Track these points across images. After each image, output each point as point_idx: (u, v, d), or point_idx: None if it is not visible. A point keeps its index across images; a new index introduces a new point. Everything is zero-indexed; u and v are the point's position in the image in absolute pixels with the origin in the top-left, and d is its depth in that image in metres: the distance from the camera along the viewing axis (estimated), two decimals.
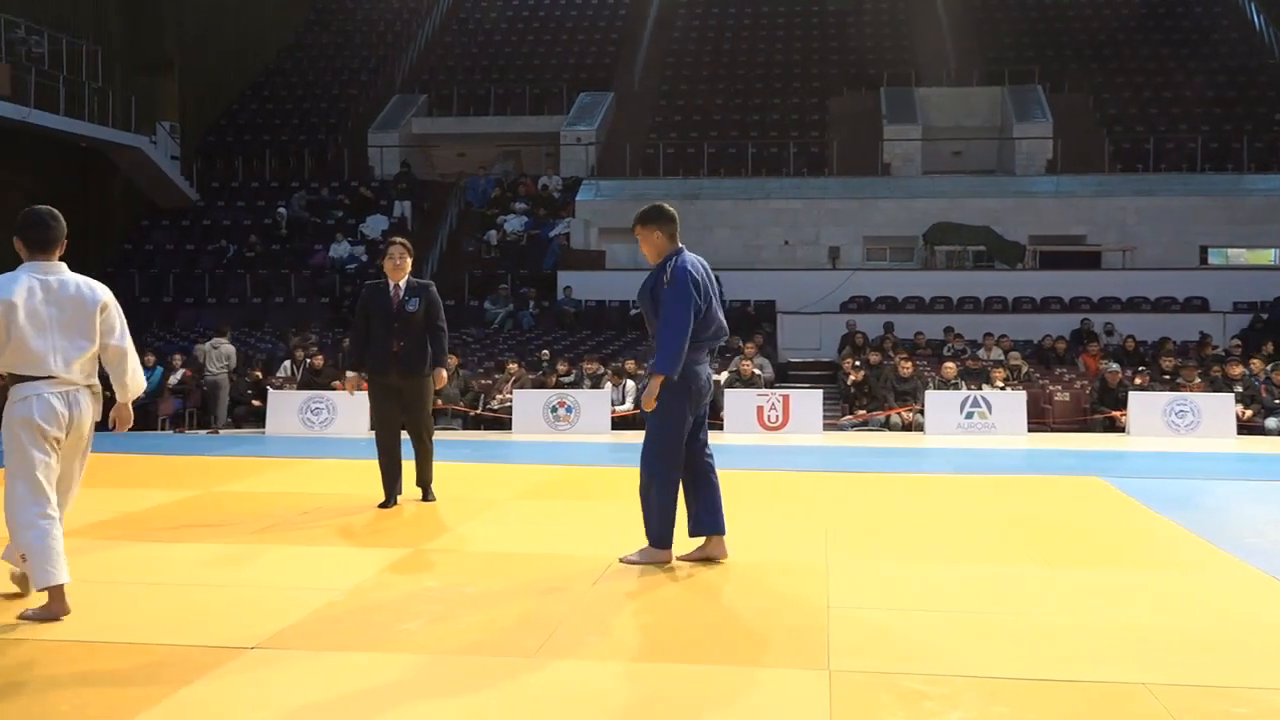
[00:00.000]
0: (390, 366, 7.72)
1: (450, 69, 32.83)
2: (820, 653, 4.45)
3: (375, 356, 7.79)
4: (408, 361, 7.72)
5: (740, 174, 26.63)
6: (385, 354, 7.72)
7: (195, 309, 23.88)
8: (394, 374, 7.73)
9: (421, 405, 7.86)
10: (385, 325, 7.74)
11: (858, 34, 33.26)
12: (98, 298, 5.18)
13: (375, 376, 7.83)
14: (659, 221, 5.97)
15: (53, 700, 3.87)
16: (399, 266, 7.80)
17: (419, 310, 7.76)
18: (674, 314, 5.70)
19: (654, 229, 5.97)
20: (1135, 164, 26.24)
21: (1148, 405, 15.42)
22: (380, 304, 7.79)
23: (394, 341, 7.70)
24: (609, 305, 23.13)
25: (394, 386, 7.78)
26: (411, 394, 7.80)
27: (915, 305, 22.45)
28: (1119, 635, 4.73)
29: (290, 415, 15.62)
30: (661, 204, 6.07)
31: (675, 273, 5.78)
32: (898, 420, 16.09)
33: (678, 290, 5.72)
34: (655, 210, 6.01)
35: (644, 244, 6.02)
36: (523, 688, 4.07)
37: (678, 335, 5.69)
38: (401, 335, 7.71)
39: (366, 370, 7.92)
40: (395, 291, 7.80)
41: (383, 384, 7.82)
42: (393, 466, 7.90)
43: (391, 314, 7.74)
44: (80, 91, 24.20)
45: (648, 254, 6.02)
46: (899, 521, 7.63)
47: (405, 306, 7.75)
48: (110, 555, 6.27)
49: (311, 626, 4.81)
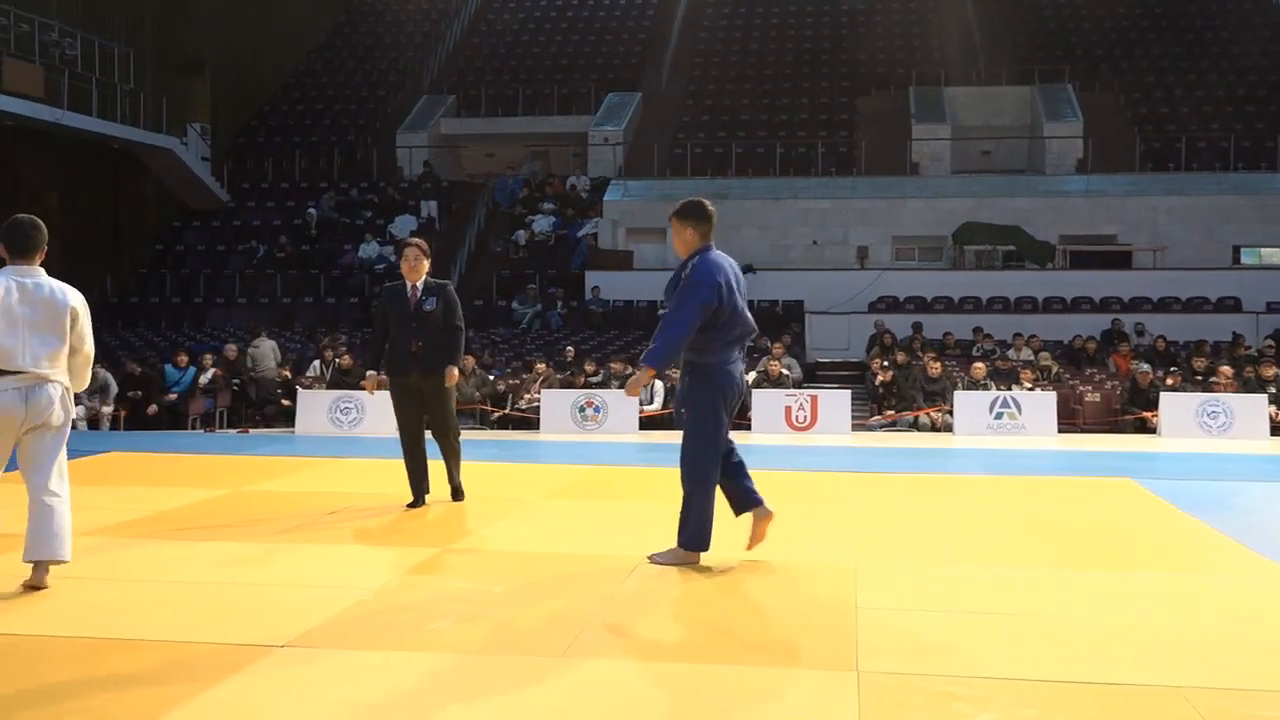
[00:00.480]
0: (410, 367, 7.74)
1: (478, 70, 32.93)
2: (849, 654, 4.43)
3: (395, 357, 7.81)
4: (427, 361, 7.72)
5: (768, 174, 26.58)
6: (404, 354, 7.74)
7: (226, 309, 24.04)
8: (414, 374, 7.75)
9: (443, 404, 7.87)
10: (403, 325, 7.75)
11: (886, 33, 33.15)
12: (68, 301, 5.54)
13: (396, 377, 7.85)
14: (695, 218, 5.93)
15: (84, 697, 3.90)
16: (414, 268, 7.80)
17: (436, 310, 7.77)
18: (680, 311, 5.68)
19: (689, 225, 5.93)
20: (1167, 163, 26.05)
21: (1179, 406, 15.28)
22: (398, 305, 7.81)
23: (412, 341, 7.71)
24: (637, 305, 23.14)
25: (414, 386, 7.79)
26: (432, 393, 7.80)
27: (944, 305, 22.35)
28: (1151, 638, 4.70)
29: (319, 415, 15.68)
30: (703, 201, 6.02)
31: (694, 270, 5.75)
32: (926, 421, 16.01)
33: (692, 289, 5.69)
34: (695, 206, 5.97)
35: (676, 237, 5.99)
36: (551, 687, 4.07)
37: (678, 332, 5.66)
38: (420, 335, 7.72)
39: (387, 371, 7.94)
40: (413, 292, 7.81)
41: (403, 384, 7.83)
42: (418, 467, 7.91)
43: (409, 314, 7.75)
44: (112, 93, 24.40)
45: (678, 247, 6.00)
46: (928, 522, 7.59)
47: (422, 306, 7.76)
48: (141, 554, 6.31)
49: (340, 625, 4.83)
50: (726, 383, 5.83)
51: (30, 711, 3.77)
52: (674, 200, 22.68)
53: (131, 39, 26.42)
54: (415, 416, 7.89)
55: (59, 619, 4.93)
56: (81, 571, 5.86)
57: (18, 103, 21.43)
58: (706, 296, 5.67)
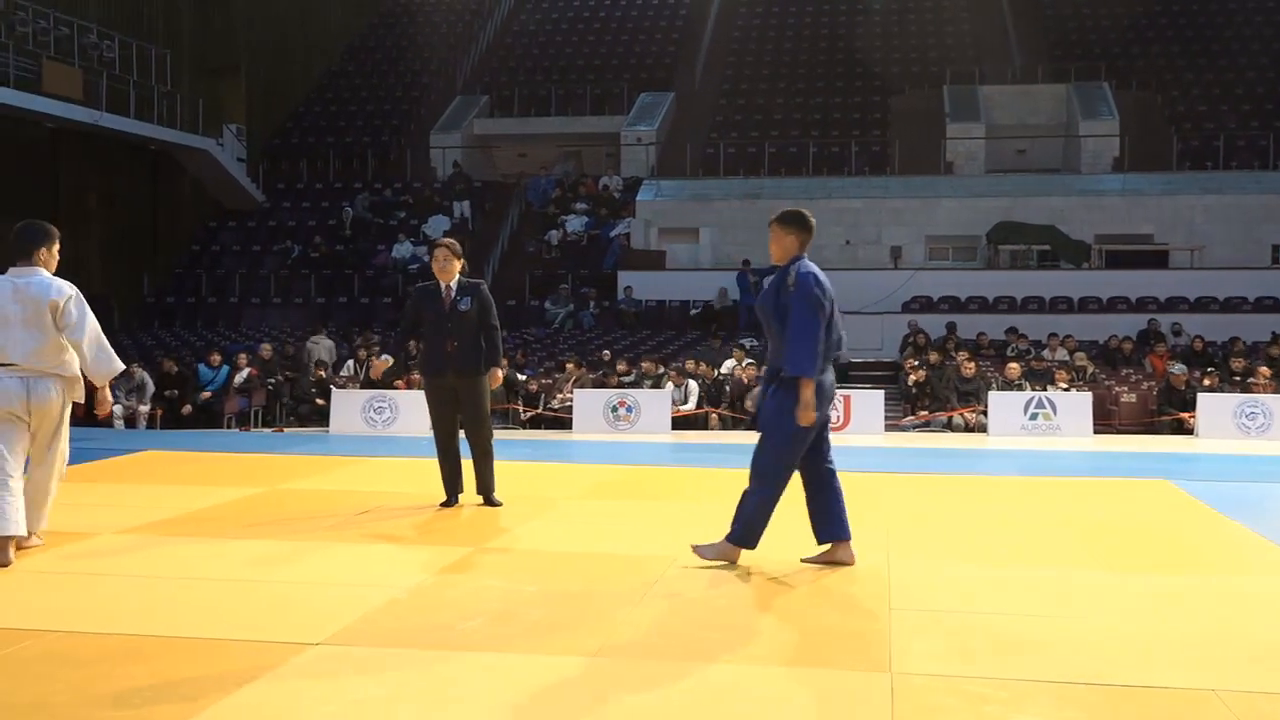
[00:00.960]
0: (446, 367, 7.73)
1: (512, 70, 33.01)
2: (883, 655, 4.42)
3: (431, 357, 7.81)
4: (462, 361, 7.73)
5: (801, 173, 26.52)
6: (440, 354, 7.74)
7: (261, 309, 24.20)
8: (450, 374, 7.75)
9: (477, 405, 7.85)
10: (439, 326, 7.75)
11: (920, 31, 33.01)
12: (48, 295, 5.91)
13: (431, 377, 7.85)
14: (798, 227, 5.98)
15: (119, 695, 3.94)
16: (444, 268, 7.81)
17: (471, 309, 7.77)
18: (803, 318, 5.71)
19: (790, 232, 5.97)
20: (1204, 161, 25.81)
21: (1217, 407, 15.15)
22: (433, 305, 7.80)
23: (448, 342, 7.71)
24: (669, 305, 23.15)
25: (450, 387, 7.80)
26: (467, 393, 7.79)
27: (978, 305, 22.23)
28: (1187, 640, 4.66)
29: (353, 414, 15.77)
30: (806, 212, 6.08)
31: (800, 279, 5.78)
32: (960, 421, 15.94)
33: (804, 295, 5.73)
34: (799, 216, 6.02)
35: (774, 243, 6.01)
36: (583, 687, 4.08)
37: (809, 338, 5.68)
38: (455, 335, 7.71)
39: (422, 371, 7.95)
40: (447, 292, 7.81)
41: (439, 385, 7.83)
42: (451, 467, 7.91)
43: (444, 314, 7.75)
44: (150, 95, 24.63)
45: (774, 253, 6.02)
46: (961, 523, 7.56)
47: (458, 306, 7.76)
48: (176, 552, 6.36)
49: (374, 624, 4.86)
50: (821, 393, 5.81)
51: (65, 709, 3.81)
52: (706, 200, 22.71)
53: (169, 41, 26.67)
54: (450, 416, 7.88)
55: (94, 616, 4.98)
56: (117, 569, 5.93)
57: (57, 104, 21.68)
58: (819, 299, 5.74)
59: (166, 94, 25.21)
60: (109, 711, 3.77)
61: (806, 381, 5.67)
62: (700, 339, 21.15)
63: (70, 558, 6.16)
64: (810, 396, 5.67)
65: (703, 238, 24.98)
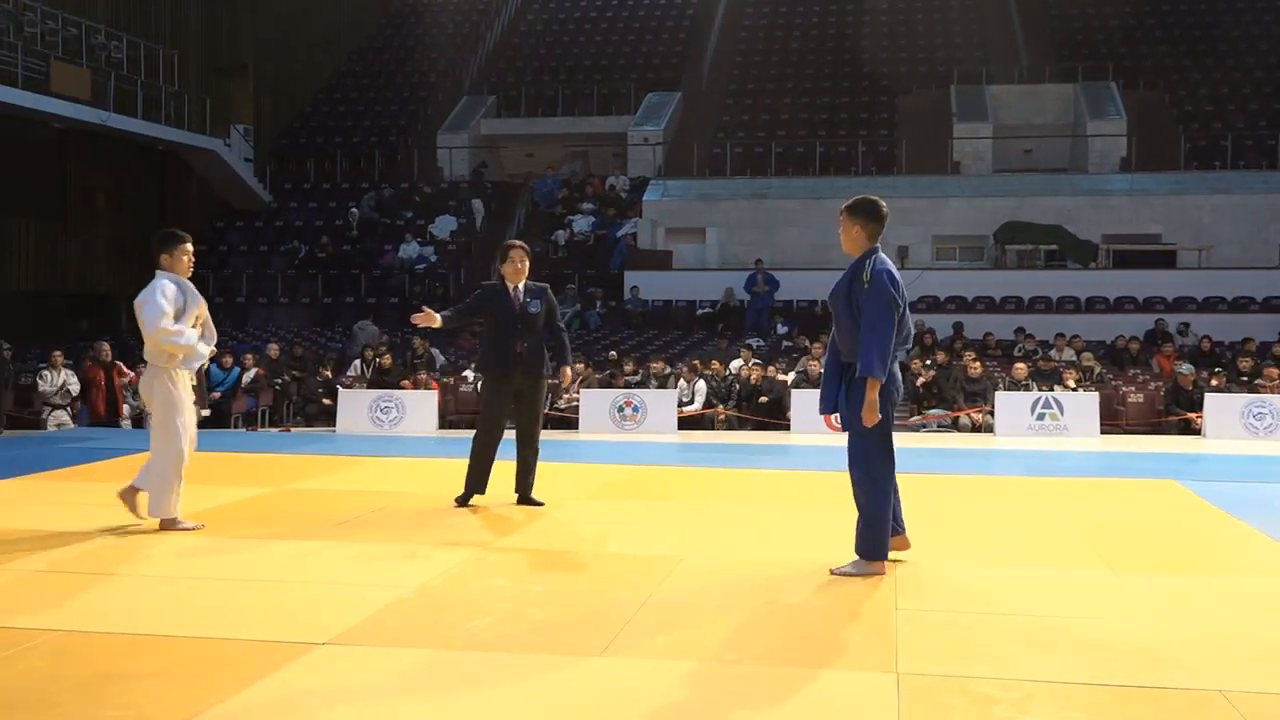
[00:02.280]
0: (514, 367, 7.83)
1: (518, 70, 33.03)
2: (889, 655, 4.42)
3: (498, 358, 7.90)
4: (530, 363, 7.84)
5: (808, 173, 26.50)
6: (509, 355, 7.83)
7: (267, 309, 24.23)
8: (518, 375, 7.84)
9: (538, 406, 8.00)
10: (509, 327, 7.84)
11: (927, 31, 32.96)
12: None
13: (498, 378, 7.94)
14: (866, 216, 5.88)
15: (128, 693, 3.95)
16: (520, 270, 7.91)
17: (540, 312, 7.90)
18: (878, 317, 5.65)
19: (858, 222, 5.87)
20: (1212, 161, 25.75)
21: (1224, 407, 15.11)
22: (502, 305, 7.89)
23: (518, 343, 7.81)
24: (676, 305, 23.14)
25: (514, 386, 7.88)
26: (530, 395, 7.92)
27: (985, 305, 22.21)
28: (1194, 641, 4.66)
29: (360, 414, 15.78)
30: (878, 201, 5.95)
31: (876, 275, 5.71)
32: (967, 421, 15.92)
33: (880, 293, 5.68)
34: (870, 205, 5.91)
35: (844, 232, 5.94)
36: (590, 686, 4.08)
37: (883, 338, 5.63)
38: (525, 337, 7.83)
39: (488, 370, 8.03)
40: (516, 294, 7.90)
41: (503, 385, 7.91)
42: (484, 466, 7.94)
43: (514, 315, 7.84)
44: (158, 95, 24.69)
45: (845, 244, 5.95)
46: (968, 524, 7.55)
47: (528, 309, 7.87)
48: (184, 550, 6.38)
49: (381, 623, 4.87)
50: (893, 385, 5.81)
51: (74, 706, 3.82)
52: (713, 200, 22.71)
53: (176, 41, 26.73)
54: (505, 417, 7.99)
55: (103, 615, 5.00)
56: (123, 569, 5.94)
57: (65, 105, 21.73)
58: (894, 297, 5.69)
59: (174, 94, 25.27)
60: (114, 711, 3.78)
61: (874, 382, 5.63)
62: (707, 339, 21.15)
63: (76, 557, 6.18)
64: (875, 397, 5.64)
65: (709, 238, 24.96)
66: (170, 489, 6.88)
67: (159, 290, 6.90)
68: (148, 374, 7.01)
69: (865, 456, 5.82)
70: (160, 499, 6.88)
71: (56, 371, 16.13)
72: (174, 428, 6.89)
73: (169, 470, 6.86)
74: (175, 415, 6.91)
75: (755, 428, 15.89)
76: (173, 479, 6.87)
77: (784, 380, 16.55)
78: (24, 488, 9.03)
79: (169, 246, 7.13)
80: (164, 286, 6.93)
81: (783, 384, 16.40)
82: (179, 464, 6.89)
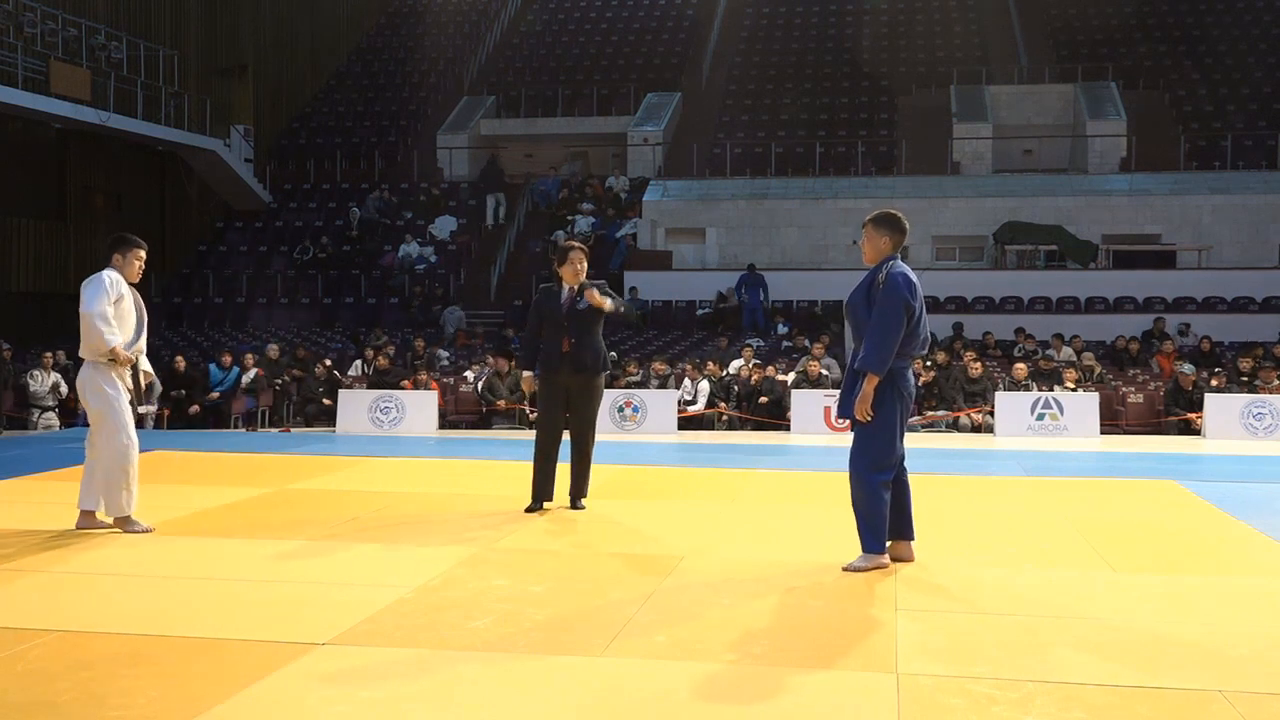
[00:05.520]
0: (561, 365, 7.86)
1: (518, 70, 33.04)
2: (888, 655, 4.42)
3: (546, 355, 7.94)
4: (577, 361, 7.85)
5: (808, 174, 26.50)
6: (556, 353, 7.87)
7: (268, 309, 24.23)
8: (564, 371, 7.86)
9: (587, 406, 7.97)
10: (556, 325, 7.88)
11: (926, 32, 32.98)
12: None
13: (546, 375, 7.97)
14: (890, 228, 6.04)
15: (125, 693, 3.95)
16: (579, 271, 7.94)
17: (589, 309, 7.90)
18: (888, 315, 5.78)
19: (884, 233, 6.03)
20: (1212, 161, 25.77)
21: (1224, 407, 15.11)
22: (551, 305, 7.94)
23: (564, 341, 7.85)
24: (676, 305, 23.13)
25: (563, 386, 7.90)
26: (579, 393, 7.91)
27: (985, 305, 22.21)
28: (1194, 641, 4.66)
29: (360, 414, 15.78)
30: (899, 214, 6.14)
31: (891, 278, 5.86)
32: (967, 422, 15.92)
33: (891, 293, 5.81)
34: (892, 218, 6.08)
35: (867, 243, 6.10)
36: (590, 686, 4.08)
37: (889, 336, 5.76)
38: (572, 334, 7.85)
39: (539, 369, 8.07)
40: (568, 293, 7.94)
41: (552, 383, 7.93)
42: (547, 470, 7.92)
43: (562, 314, 7.88)
44: (157, 96, 24.70)
45: (866, 252, 6.10)
46: (968, 524, 7.55)
47: (576, 306, 7.90)
48: (183, 551, 6.38)
49: (381, 623, 4.86)
50: (906, 387, 5.94)
51: (72, 707, 3.82)
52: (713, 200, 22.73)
53: (176, 42, 26.74)
54: (558, 417, 7.96)
55: (102, 615, 5.00)
56: (124, 569, 5.94)
57: (65, 105, 21.75)
58: (908, 299, 5.82)
59: (174, 94, 25.27)
60: (115, 711, 3.78)
61: (872, 376, 5.75)
62: (707, 339, 21.14)
63: (76, 557, 6.18)
64: (870, 390, 5.76)
65: (709, 238, 24.97)
66: (118, 486, 6.73)
67: (106, 277, 6.87)
68: (83, 371, 6.82)
69: (860, 454, 5.90)
70: (111, 498, 6.75)
71: (46, 373, 16.12)
72: (113, 424, 6.75)
73: (114, 467, 6.72)
74: (112, 412, 6.75)
75: (755, 428, 15.89)
76: (119, 476, 6.72)
77: (784, 380, 16.55)
78: (24, 487, 9.02)
79: (121, 248, 7.05)
80: (111, 275, 6.91)
81: (783, 384, 16.40)
82: (124, 460, 6.73)
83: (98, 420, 6.80)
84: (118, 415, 6.76)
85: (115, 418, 6.76)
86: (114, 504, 6.78)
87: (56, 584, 5.61)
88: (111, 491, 6.76)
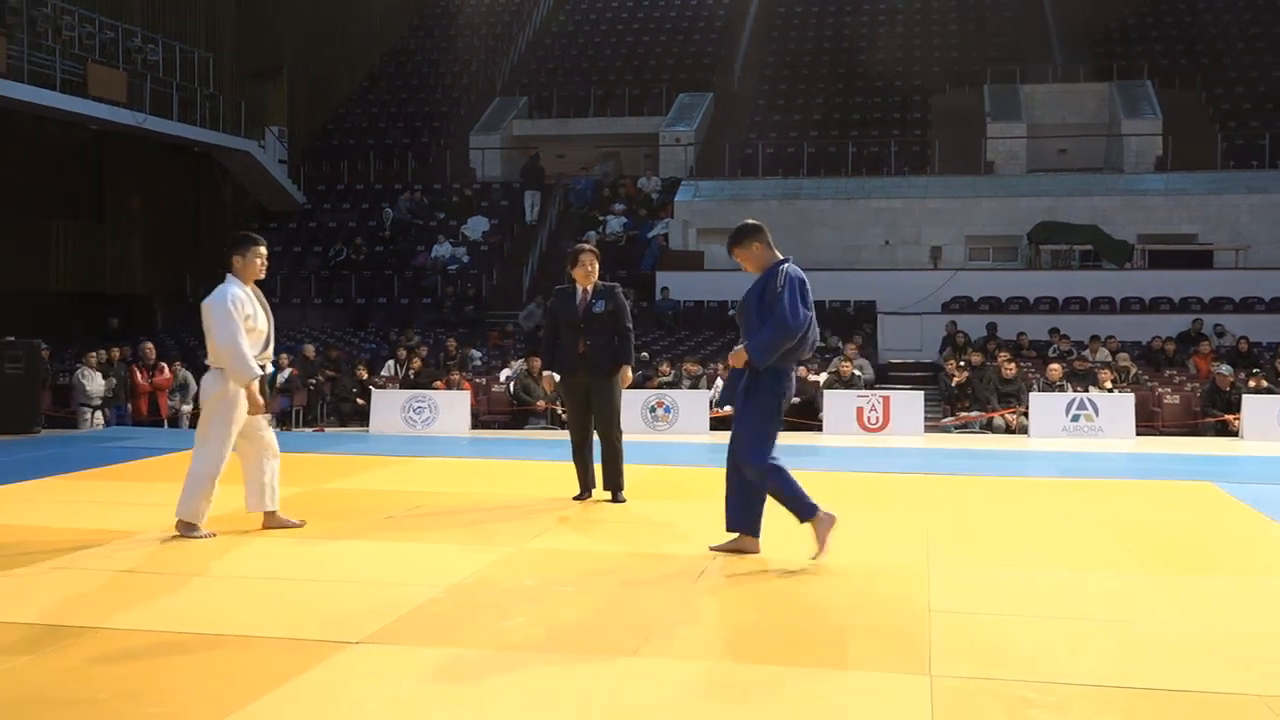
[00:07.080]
0: (578, 366, 8.05)
1: (550, 71, 33.08)
2: (921, 657, 4.39)
3: (565, 357, 8.13)
4: (593, 361, 8.01)
5: (840, 174, 26.40)
6: (572, 354, 8.05)
7: (302, 309, 24.36)
8: (581, 373, 8.04)
9: (607, 404, 8.11)
10: (572, 327, 8.05)
11: (960, 30, 32.79)
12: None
13: (566, 377, 8.18)
14: (750, 236, 6.17)
15: (162, 690, 3.98)
16: (589, 273, 8.07)
17: (605, 311, 8.05)
18: (790, 312, 5.89)
19: (750, 243, 6.17)
20: (1249, 160, 25.49)
21: (1262, 409, 14.94)
22: (567, 307, 8.10)
23: (580, 342, 8.01)
24: (708, 306, 23.11)
25: (582, 386, 8.09)
26: (597, 393, 8.07)
27: (1019, 306, 22.07)
28: (1233, 645, 4.60)
29: (393, 414, 15.84)
30: (744, 222, 6.30)
31: (790, 279, 5.97)
32: (1001, 422, 15.83)
33: (793, 294, 5.92)
34: (743, 229, 6.22)
35: (746, 261, 6.22)
36: (622, 686, 4.08)
37: (784, 332, 5.89)
38: (587, 336, 8.00)
39: (559, 371, 8.21)
40: (583, 295, 8.08)
41: (572, 384, 8.15)
42: (584, 461, 8.22)
43: (578, 316, 8.03)
44: (193, 97, 24.88)
45: (751, 267, 6.20)
46: (1002, 525, 7.50)
47: (592, 308, 8.04)
48: (217, 550, 6.42)
49: (413, 622, 4.88)
50: (789, 385, 6.12)
51: (110, 704, 3.85)
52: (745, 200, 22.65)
53: (211, 44, 26.92)
54: (583, 415, 8.19)
55: (138, 613, 5.04)
56: (159, 567, 5.99)
57: (102, 107, 21.94)
58: (805, 301, 5.95)
59: (209, 96, 25.44)
60: (152, 708, 3.81)
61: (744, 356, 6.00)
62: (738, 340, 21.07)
63: (113, 556, 6.23)
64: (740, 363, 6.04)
65: None
66: (200, 494, 6.67)
67: (230, 298, 6.63)
68: (209, 376, 6.77)
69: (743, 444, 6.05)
70: (188, 501, 6.71)
71: (94, 372, 16.28)
72: (220, 434, 6.70)
73: (203, 475, 6.67)
74: (224, 422, 6.69)
75: (787, 428, 15.82)
76: (206, 484, 6.67)
77: (816, 381, 16.49)
78: (61, 486, 9.11)
79: (241, 249, 6.80)
80: (234, 295, 6.66)
81: (815, 385, 16.34)
82: (215, 471, 6.70)
83: (206, 426, 6.77)
84: (226, 427, 6.72)
85: (224, 429, 6.72)
86: (188, 508, 6.70)
87: (92, 582, 5.66)
88: (193, 496, 6.69)
